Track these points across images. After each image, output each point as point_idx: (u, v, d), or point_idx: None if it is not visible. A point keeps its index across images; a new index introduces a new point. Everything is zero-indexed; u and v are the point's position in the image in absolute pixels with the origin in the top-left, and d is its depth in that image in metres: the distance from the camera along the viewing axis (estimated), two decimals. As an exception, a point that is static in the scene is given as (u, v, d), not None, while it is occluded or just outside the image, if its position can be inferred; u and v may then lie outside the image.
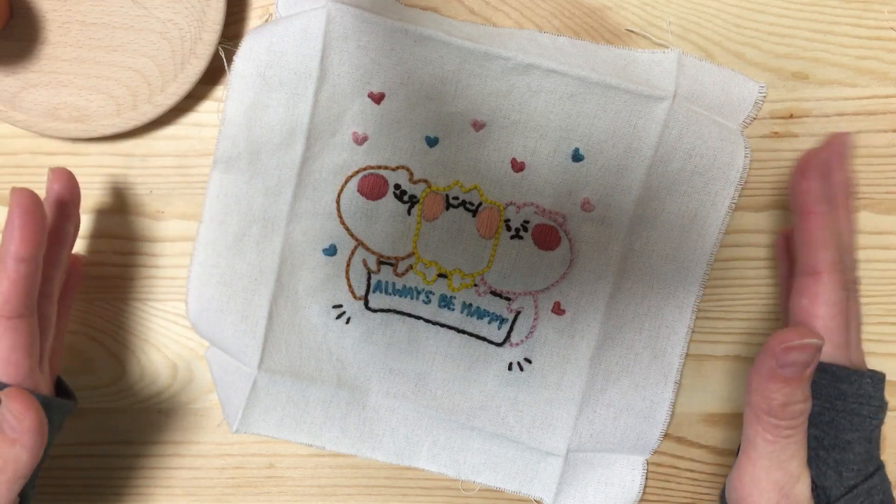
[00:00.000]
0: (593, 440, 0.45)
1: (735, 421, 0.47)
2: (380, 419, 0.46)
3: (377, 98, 0.43)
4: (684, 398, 0.46)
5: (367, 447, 0.46)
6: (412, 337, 0.45)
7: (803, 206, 0.38)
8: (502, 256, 0.44)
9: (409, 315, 0.45)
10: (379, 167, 0.44)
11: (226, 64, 0.43)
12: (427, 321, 0.45)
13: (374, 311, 0.45)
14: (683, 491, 0.47)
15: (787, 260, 0.43)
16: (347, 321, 0.45)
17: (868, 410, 0.37)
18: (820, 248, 0.38)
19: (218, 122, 0.43)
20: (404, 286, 0.45)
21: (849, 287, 0.38)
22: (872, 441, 0.38)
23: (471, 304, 0.45)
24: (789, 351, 0.34)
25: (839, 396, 0.37)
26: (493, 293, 0.45)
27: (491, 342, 0.45)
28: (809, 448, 0.37)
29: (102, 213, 0.46)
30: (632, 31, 0.44)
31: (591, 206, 0.44)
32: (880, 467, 0.38)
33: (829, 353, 0.38)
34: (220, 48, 0.43)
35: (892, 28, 0.45)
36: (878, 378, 0.38)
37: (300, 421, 0.46)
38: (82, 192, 0.40)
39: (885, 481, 0.38)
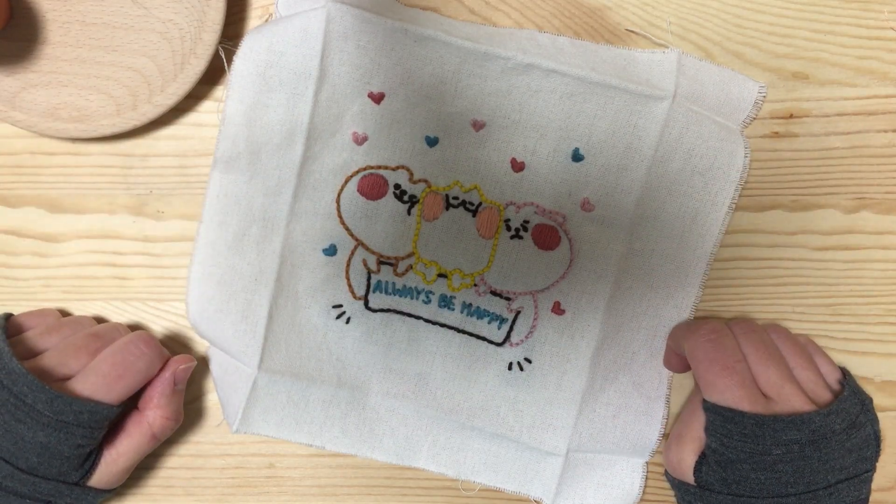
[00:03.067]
0: (593, 440, 0.45)
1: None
2: (380, 419, 0.46)
3: (377, 98, 0.43)
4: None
5: (366, 447, 0.46)
6: (412, 337, 0.45)
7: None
8: (502, 256, 0.44)
9: (409, 315, 0.45)
10: (379, 167, 0.44)
11: (226, 64, 0.43)
12: (427, 321, 0.45)
13: (374, 311, 0.45)
14: (683, 491, 0.47)
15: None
16: (347, 321, 0.45)
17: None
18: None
19: (218, 122, 0.43)
20: (404, 286, 0.45)
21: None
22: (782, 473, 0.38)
23: (471, 304, 0.45)
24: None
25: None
26: (493, 293, 0.45)
27: (491, 342, 0.45)
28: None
29: (102, 213, 0.46)
30: (632, 31, 0.44)
31: (591, 206, 0.44)
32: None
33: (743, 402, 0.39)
34: (220, 48, 0.43)
35: (892, 28, 0.45)
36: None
37: (300, 421, 0.46)
38: (82, 191, 0.40)
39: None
